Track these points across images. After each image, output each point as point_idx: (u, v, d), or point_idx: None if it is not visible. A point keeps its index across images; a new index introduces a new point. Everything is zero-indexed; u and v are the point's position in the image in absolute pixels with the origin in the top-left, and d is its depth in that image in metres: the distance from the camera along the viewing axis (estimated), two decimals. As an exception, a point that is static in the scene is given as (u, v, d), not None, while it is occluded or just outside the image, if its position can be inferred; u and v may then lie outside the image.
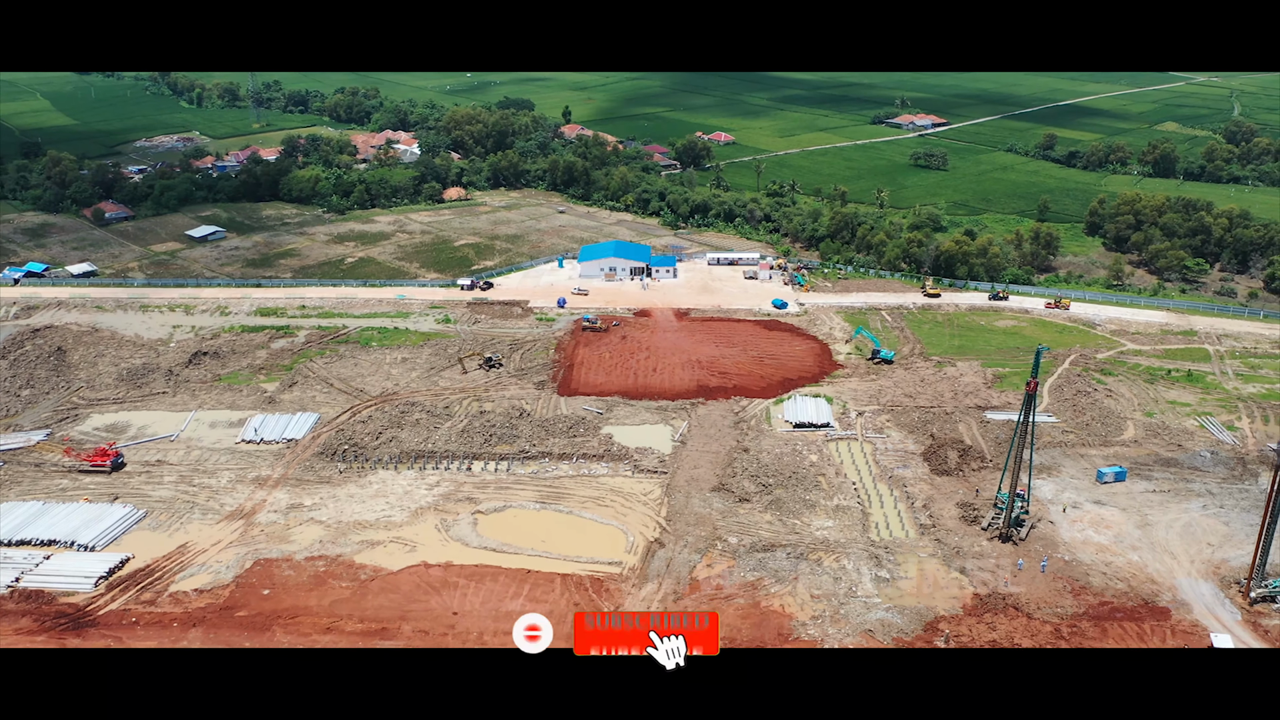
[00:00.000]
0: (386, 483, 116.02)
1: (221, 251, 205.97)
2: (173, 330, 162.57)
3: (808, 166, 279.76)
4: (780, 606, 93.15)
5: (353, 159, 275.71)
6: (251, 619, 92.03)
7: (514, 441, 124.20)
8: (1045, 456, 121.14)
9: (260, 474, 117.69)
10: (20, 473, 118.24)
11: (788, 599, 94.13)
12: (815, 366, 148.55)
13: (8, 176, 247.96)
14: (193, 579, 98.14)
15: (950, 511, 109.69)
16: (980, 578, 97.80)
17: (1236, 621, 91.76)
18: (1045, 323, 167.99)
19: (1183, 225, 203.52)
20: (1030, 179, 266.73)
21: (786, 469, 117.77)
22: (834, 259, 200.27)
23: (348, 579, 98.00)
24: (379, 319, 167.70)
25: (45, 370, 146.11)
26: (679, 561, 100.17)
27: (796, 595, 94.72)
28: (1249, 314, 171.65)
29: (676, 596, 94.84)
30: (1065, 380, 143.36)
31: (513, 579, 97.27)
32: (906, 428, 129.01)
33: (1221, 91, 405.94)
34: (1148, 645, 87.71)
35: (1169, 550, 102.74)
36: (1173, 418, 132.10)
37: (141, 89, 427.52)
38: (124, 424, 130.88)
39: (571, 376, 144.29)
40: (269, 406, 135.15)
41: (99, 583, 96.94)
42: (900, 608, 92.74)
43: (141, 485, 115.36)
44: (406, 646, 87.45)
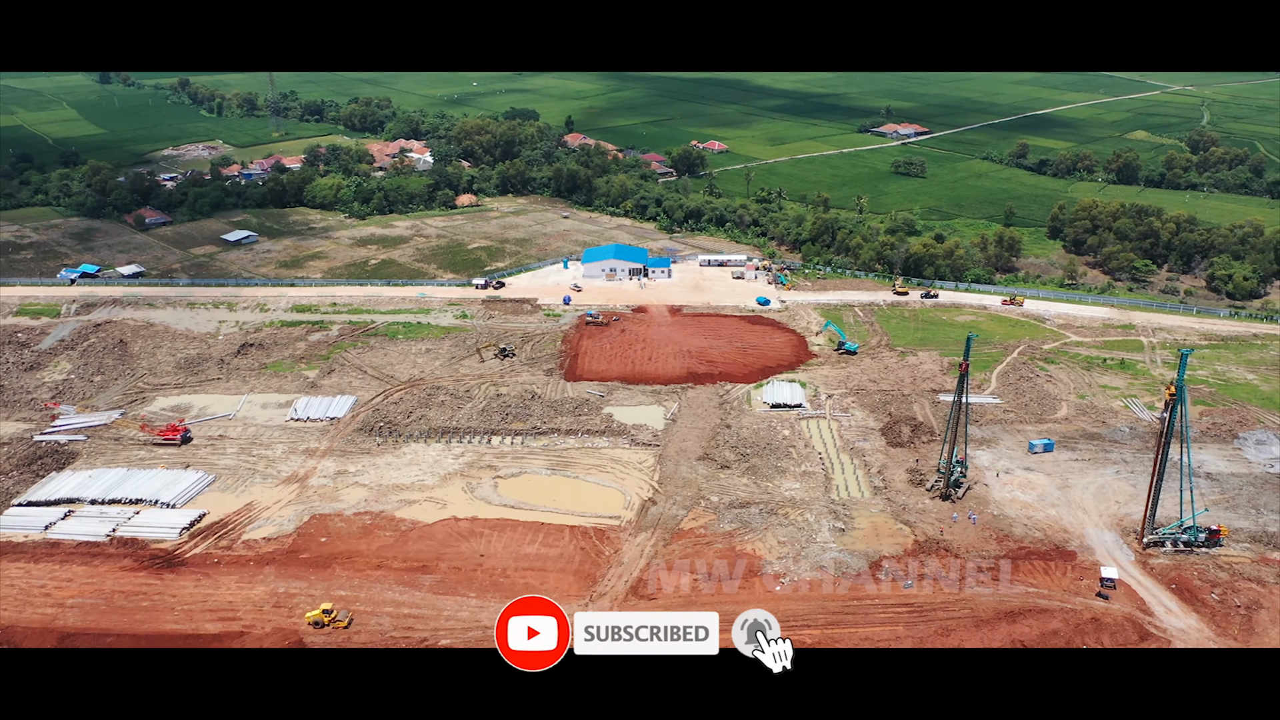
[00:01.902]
0: (418, 453, 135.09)
1: (255, 254, 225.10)
2: (219, 325, 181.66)
3: (795, 174, 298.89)
4: (752, 550, 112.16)
5: (370, 167, 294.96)
6: (314, 559, 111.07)
7: (527, 419, 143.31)
8: (986, 431, 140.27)
9: (309, 446, 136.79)
10: (103, 445, 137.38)
11: (758, 544, 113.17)
12: (792, 356, 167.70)
13: (51, 185, 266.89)
14: (260, 530, 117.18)
15: (901, 476, 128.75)
16: (921, 528, 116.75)
17: (1130, 562, 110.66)
18: (1001, 318, 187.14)
19: (1134, 229, 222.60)
20: (1002, 185, 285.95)
21: (762, 442, 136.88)
22: (814, 260, 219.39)
23: (390, 529, 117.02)
24: (403, 315, 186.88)
25: (111, 360, 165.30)
26: (668, 516, 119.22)
27: (766, 541, 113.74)
28: (1183, 310, 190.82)
29: (666, 543, 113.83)
30: (1011, 368, 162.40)
31: (529, 529, 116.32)
32: (869, 408, 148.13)
33: (1193, 100, 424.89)
34: (1051, 579, 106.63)
35: (1082, 507, 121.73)
36: (1102, 399, 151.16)
37: (162, 98, 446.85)
38: (186, 405, 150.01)
39: (576, 364, 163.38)
40: (311, 390, 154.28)
41: (182, 532, 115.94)
42: (851, 551, 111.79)
43: (208, 456, 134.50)
44: (443, 579, 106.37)
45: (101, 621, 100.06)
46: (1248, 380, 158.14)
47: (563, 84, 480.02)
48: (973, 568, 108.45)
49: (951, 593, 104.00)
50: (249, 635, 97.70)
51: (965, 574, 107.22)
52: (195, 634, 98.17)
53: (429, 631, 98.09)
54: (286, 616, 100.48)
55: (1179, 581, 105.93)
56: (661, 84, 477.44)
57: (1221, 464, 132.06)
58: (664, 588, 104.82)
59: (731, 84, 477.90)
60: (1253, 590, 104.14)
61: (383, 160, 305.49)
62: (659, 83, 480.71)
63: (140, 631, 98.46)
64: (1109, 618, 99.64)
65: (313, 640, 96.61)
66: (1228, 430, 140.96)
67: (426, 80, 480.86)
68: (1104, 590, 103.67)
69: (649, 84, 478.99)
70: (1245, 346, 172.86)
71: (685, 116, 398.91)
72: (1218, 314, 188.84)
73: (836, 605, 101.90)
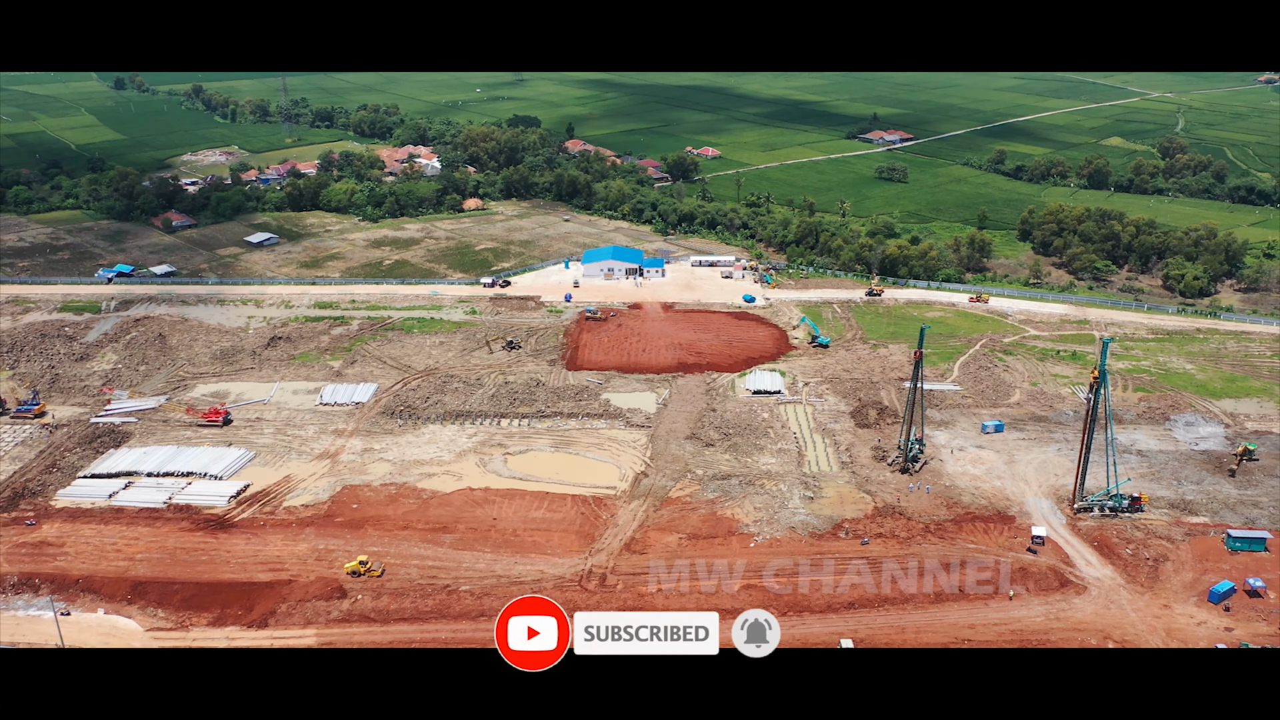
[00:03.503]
0: (436, 434, 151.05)
1: (277, 255, 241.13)
2: (248, 320, 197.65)
3: (785, 179, 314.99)
4: (731, 514, 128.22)
5: (381, 172, 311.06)
6: (347, 522, 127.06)
7: (532, 404, 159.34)
8: (945, 414, 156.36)
9: (338, 427, 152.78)
10: (153, 426, 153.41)
11: (737, 509, 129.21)
12: (774, 348, 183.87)
13: (81, 189, 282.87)
14: (299, 498, 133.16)
15: (866, 453, 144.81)
16: (881, 497, 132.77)
17: (1062, 524, 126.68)
18: (967, 314, 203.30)
19: (1097, 232, 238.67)
20: (979, 190, 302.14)
21: (744, 423, 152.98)
22: (798, 261, 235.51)
23: (414, 498, 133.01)
24: (417, 311, 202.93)
25: (153, 351, 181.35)
26: (658, 486, 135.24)
27: (744, 507, 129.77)
28: (1135, 307, 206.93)
29: (656, 509, 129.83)
30: (973, 359, 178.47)
31: (535, 497, 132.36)
32: (841, 394, 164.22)
33: (1170, 107, 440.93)
34: (990, 538, 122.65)
35: (1025, 479, 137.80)
36: (1052, 387, 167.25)
37: (176, 104, 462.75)
38: (224, 391, 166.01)
39: (577, 355, 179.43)
40: (337, 378, 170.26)
41: (230, 500, 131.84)
42: (818, 515, 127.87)
43: (248, 435, 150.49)
44: (462, 537, 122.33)
45: (168, 572, 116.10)
46: (1186, 370, 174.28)
47: (562, 90, 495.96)
48: (921, 528, 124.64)
49: (902, 549, 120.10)
50: (296, 583, 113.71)
51: (915, 534, 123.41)
52: (250, 582, 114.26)
53: (451, 579, 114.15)
54: (327, 568, 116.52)
55: (1100, 540, 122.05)
56: (658, 91, 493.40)
57: (1153, 442, 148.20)
58: (653, 545, 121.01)
59: (725, 90, 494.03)
60: (1162, 546, 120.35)
61: (393, 166, 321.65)
62: (655, 90, 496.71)
63: (202, 580, 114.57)
64: (1035, 568, 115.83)
65: (351, 587, 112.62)
66: (1161, 413, 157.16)
67: (428, 87, 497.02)
68: (1034, 546, 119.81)
69: (646, 90, 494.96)
70: (1188, 340, 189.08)
71: (680, 123, 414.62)
72: (1167, 310, 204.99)
73: (802, 557, 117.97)
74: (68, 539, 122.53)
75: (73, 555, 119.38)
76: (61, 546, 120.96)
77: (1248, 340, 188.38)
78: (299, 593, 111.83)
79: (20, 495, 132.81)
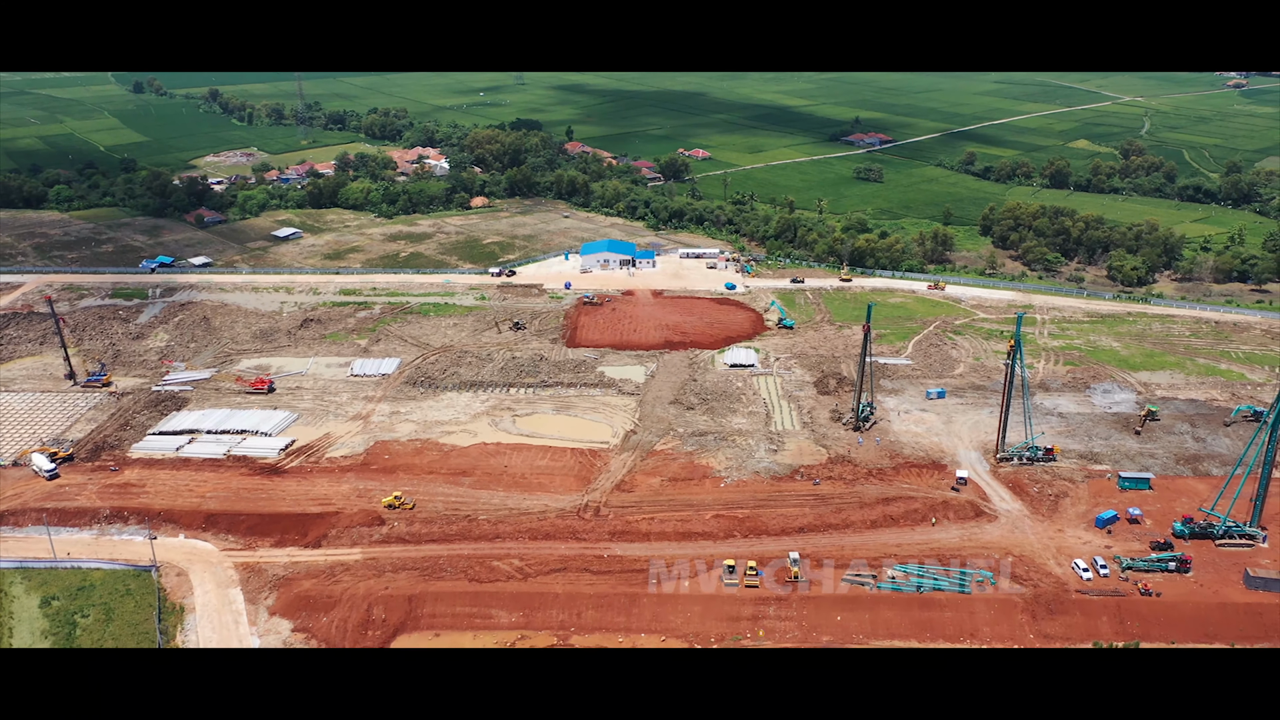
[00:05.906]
0: (453, 400, 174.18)
1: (302, 248, 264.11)
2: (281, 305, 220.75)
3: (768, 179, 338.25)
4: (706, 463, 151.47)
5: (394, 173, 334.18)
6: (380, 469, 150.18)
7: (537, 375, 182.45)
8: (896, 384, 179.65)
9: (368, 394, 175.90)
10: (207, 394, 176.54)
11: (711, 459, 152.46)
12: (750, 329, 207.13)
13: (117, 188, 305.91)
14: (338, 451, 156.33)
15: (824, 415, 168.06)
16: (835, 450, 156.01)
17: (986, 471, 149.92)
18: (925, 300, 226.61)
19: (1050, 228, 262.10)
20: (949, 189, 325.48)
21: (720, 391, 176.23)
22: (777, 253, 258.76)
23: (436, 451, 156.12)
24: (432, 297, 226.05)
25: (200, 331, 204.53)
26: (645, 441, 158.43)
27: (717, 457, 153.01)
28: (1076, 294, 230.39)
29: (643, 459, 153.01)
30: (925, 338, 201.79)
31: (540, 450, 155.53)
32: (807, 367, 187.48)
33: (1138, 111, 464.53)
34: (922, 480, 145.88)
35: (959, 436, 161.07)
36: (992, 361, 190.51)
37: (194, 107, 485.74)
38: (266, 365, 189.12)
39: (575, 335, 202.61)
40: (364, 354, 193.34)
41: (280, 452, 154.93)
42: (779, 463, 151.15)
43: (290, 401, 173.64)
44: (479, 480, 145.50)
45: (234, 506, 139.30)
46: (1112, 347, 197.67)
47: (561, 94, 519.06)
48: (865, 473, 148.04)
49: (847, 488, 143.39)
50: (342, 514, 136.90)
51: (860, 477, 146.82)
52: (303, 513, 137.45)
53: (471, 511, 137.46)
54: (367, 503, 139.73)
55: (1014, 481, 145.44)
56: (656, 96, 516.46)
57: (1073, 407, 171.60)
58: (639, 485, 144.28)
59: (721, 95, 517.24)
60: (1065, 486, 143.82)
61: (404, 166, 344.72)
62: (653, 95, 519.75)
63: (263, 512, 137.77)
64: (956, 501, 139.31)
65: (388, 517, 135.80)
66: (1083, 383, 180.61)
67: (431, 90, 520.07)
68: (957, 486, 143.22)
69: (645, 93, 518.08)
70: (1118, 322, 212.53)
71: (676, 125, 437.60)
72: (1103, 296, 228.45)
73: (764, 495, 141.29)
74: (147, 481, 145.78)
75: (153, 494, 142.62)
76: (143, 487, 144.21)
77: (1171, 322, 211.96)
78: (345, 521, 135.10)
79: (100, 448, 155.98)
